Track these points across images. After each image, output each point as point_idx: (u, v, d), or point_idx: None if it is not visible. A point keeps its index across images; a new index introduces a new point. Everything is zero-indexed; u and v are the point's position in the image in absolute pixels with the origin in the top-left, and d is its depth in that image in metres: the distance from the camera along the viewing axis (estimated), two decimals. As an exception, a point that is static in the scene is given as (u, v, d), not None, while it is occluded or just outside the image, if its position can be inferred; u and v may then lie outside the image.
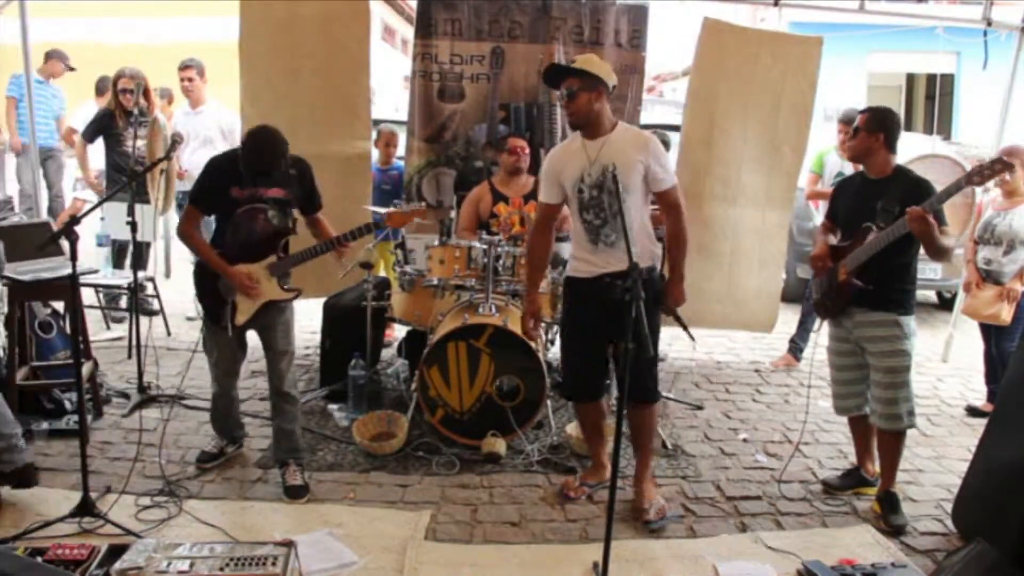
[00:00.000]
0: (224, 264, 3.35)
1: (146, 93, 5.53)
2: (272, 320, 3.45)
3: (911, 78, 15.80)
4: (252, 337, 3.58)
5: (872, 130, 3.28)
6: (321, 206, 3.59)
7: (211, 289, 3.40)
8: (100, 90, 6.56)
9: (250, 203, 3.35)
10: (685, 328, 3.29)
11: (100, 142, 5.78)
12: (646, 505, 3.30)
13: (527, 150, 4.68)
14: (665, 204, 3.29)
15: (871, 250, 3.21)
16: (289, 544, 2.65)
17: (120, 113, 5.61)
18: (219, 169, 3.40)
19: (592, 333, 3.36)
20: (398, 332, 5.32)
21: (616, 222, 3.14)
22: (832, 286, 3.40)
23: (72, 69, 6.92)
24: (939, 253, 3.13)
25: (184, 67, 5.85)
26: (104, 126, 5.66)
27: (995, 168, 3.02)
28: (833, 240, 3.55)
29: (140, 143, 5.56)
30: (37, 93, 6.92)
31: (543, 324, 4.39)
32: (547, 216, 3.47)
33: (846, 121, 5.16)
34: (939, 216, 3.11)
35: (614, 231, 3.20)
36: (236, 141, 5.22)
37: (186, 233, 3.40)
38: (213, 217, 3.54)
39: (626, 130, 3.30)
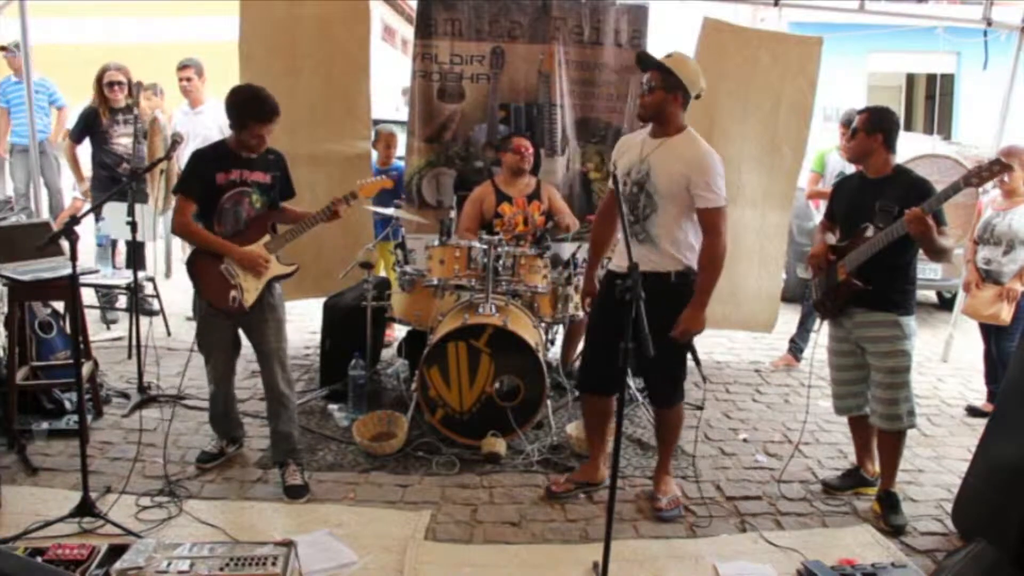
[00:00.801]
0: (231, 245, 3.36)
1: (130, 89, 5.51)
2: (264, 317, 3.46)
3: (911, 78, 15.81)
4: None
5: (870, 131, 3.28)
6: (294, 195, 3.65)
7: (213, 274, 3.38)
8: None
9: (234, 188, 3.37)
10: (698, 363, 3.25)
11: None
12: (659, 495, 3.39)
13: (531, 150, 4.68)
14: (702, 224, 3.21)
15: (870, 250, 3.21)
16: (289, 544, 2.65)
17: (104, 110, 5.54)
18: (203, 157, 3.43)
19: (612, 328, 3.33)
20: (398, 332, 5.32)
21: (646, 223, 3.20)
22: (832, 286, 3.40)
23: (4, 48, 6.85)
24: (937, 254, 3.14)
25: (182, 67, 5.84)
26: (90, 124, 5.57)
27: (993, 169, 3.02)
28: (832, 239, 3.55)
29: (128, 140, 5.53)
30: (16, 93, 6.94)
31: (543, 324, 4.40)
32: (609, 203, 3.51)
33: (847, 123, 5.16)
34: (938, 217, 3.11)
35: (642, 231, 3.24)
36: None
37: (182, 224, 3.38)
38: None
39: (686, 139, 3.22)
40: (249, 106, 3.29)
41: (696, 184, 3.13)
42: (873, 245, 3.20)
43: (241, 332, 3.56)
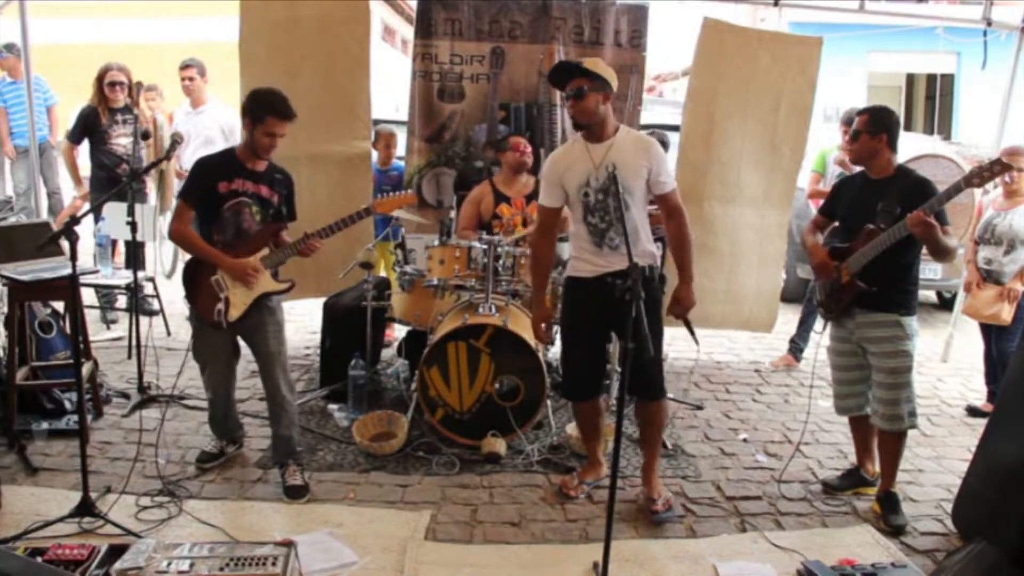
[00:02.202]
0: (222, 255, 3.34)
1: (130, 89, 5.51)
2: (263, 320, 3.44)
3: (911, 78, 15.81)
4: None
5: (874, 132, 3.26)
6: (295, 218, 3.58)
7: (204, 285, 3.38)
8: None
9: (235, 197, 3.35)
10: (692, 332, 3.32)
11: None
12: (655, 496, 3.37)
13: (529, 148, 4.68)
14: (667, 207, 3.30)
15: (873, 252, 3.21)
16: (289, 544, 2.65)
17: (104, 110, 5.53)
18: (207, 165, 3.42)
19: (592, 332, 3.37)
20: (398, 332, 5.32)
21: (620, 225, 3.17)
22: (835, 288, 3.40)
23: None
24: (942, 254, 3.14)
25: (185, 66, 5.84)
26: (89, 124, 5.55)
27: (995, 169, 3.01)
28: (820, 237, 3.55)
29: (127, 141, 5.53)
30: (12, 94, 6.94)
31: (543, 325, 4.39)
32: (549, 219, 3.44)
33: (848, 122, 5.16)
34: (941, 217, 3.10)
35: (618, 234, 3.22)
36: (237, 140, 5.22)
37: (179, 231, 3.39)
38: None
39: (628, 133, 3.32)
40: (272, 99, 3.29)
41: (656, 172, 3.24)
42: (876, 246, 3.19)
43: (240, 338, 3.56)
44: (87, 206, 6.31)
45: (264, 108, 3.28)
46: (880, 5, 7.31)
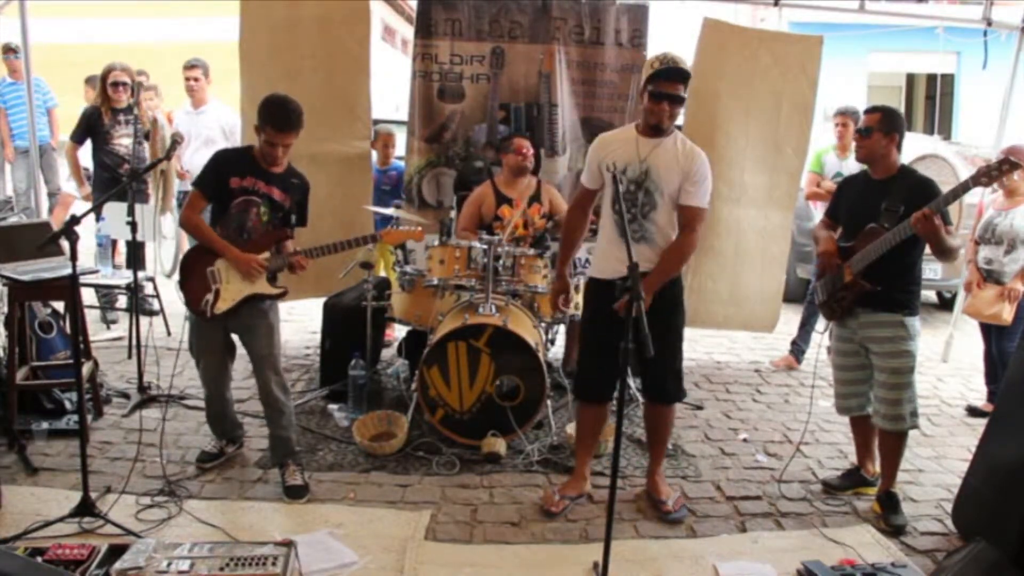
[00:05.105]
0: (229, 246, 3.35)
1: (133, 90, 5.52)
2: (255, 322, 3.44)
3: (911, 78, 15.81)
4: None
5: (888, 131, 3.25)
6: (305, 224, 3.59)
7: (199, 275, 3.37)
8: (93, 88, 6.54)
9: (245, 195, 3.35)
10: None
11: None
12: (664, 498, 3.37)
13: (532, 150, 4.67)
14: (682, 219, 3.29)
15: (877, 252, 3.20)
16: (289, 544, 2.65)
17: (107, 110, 5.53)
18: (225, 158, 3.45)
19: (606, 336, 3.33)
20: (398, 332, 5.32)
21: (643, 221, 3.25)
22: (838, 288, 3.39)
23: (12, 51, 6.83)
24: (946, 253, 3.14)
25: (190, 66, 5.84)
26: (92, 124, 5.56)
27: (1003, 168, 3.01)
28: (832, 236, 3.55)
29: (129, 141, 5.54)
30: (13, 94, 6.94)
31: (543, 324, 4.40)
32: (584, 199, 3.48)
33: (846, 113, 5.14)
34: (944, 217, 3.10)
35: (640, 228, 3.26)
36: (237, 141, 5.22)
37: (188, 218, 3.40)
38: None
39: (680, 140, 3.31)
40: (270, 110, 3.28)
41: (688, 179, 3.23)
42: (879, 246, 3.19)
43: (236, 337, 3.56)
44: (78, 202, 6.32)
45: (263, 118, 3.29)
46: (880, 5, 7.33)
